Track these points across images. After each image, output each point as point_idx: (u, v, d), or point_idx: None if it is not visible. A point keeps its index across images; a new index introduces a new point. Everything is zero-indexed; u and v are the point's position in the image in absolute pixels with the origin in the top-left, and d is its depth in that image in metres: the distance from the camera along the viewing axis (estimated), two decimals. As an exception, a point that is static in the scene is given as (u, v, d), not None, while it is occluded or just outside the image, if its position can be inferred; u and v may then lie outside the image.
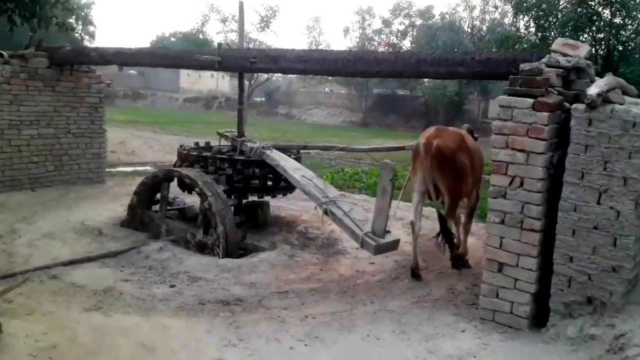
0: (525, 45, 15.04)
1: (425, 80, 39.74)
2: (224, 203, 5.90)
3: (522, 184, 4.00)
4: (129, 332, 3.87)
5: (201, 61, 6.54)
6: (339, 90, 51.29)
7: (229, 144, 7.17)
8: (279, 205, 8.10)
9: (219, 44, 6.51)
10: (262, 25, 36.95)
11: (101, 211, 7.53)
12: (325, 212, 5.18)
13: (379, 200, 4.85)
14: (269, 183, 6.72)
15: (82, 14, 56.89)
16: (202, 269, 5.29)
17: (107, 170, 11.09)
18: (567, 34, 13.38)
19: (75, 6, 53.09)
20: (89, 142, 9.28)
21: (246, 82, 35.92)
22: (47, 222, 6.74)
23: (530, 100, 3.94)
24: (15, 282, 4.55)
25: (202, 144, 7.63)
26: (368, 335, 4.01)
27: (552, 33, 14.53)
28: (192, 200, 7.19)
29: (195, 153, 6.67)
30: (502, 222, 4.08)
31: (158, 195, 6.62)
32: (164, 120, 31.91)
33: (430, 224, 6.94)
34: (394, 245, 5.04)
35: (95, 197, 8.47)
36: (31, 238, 6.05)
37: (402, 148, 7.47)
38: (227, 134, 7.33)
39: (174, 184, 6.49)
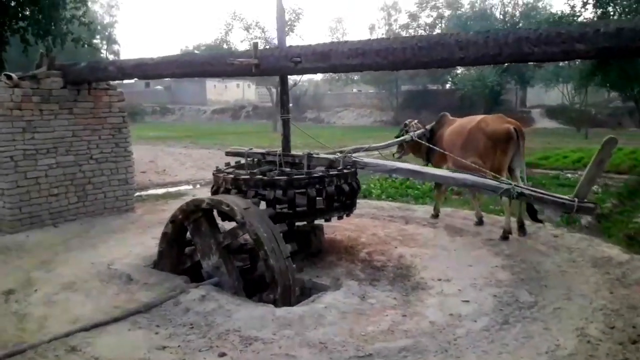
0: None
1: (459, 70, 38.38)
2: (275, 236, 4.80)
3: None
4: None
5: (235, 65, 5.47)
6: (367, 90, 50.10)
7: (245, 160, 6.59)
8: (330, 224, 6.92)
9: (255, 44, 5.42)
10: (287, 29, 35.95)
11: (131, 247, 6.54)
12: (518, 195, 5.22)
13: (593, 169, 5.05)
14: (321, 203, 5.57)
15: (106, 33, 57.30)
16: (256, 324, 4.18)
17: (137, 194, 10.19)
18: (634, 6, 11.90)
19: (98, 26, 53.45)
20: (114, 168, 8.34)
21: (273, 90, 35.17)
22: (69, 268, 5.76)
23: None
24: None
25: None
26: None
27: (615, 8, 13.02)
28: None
29: (246, 176, 5.54)
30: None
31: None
32: (193, 133, 31.30)
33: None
34: (596, 208, 5.35)
35: (123, 230, 7.50)
36: (48, 292, 5.05)
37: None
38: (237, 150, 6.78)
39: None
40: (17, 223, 7.20)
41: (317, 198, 5.39)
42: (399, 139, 7.97)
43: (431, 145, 7.46)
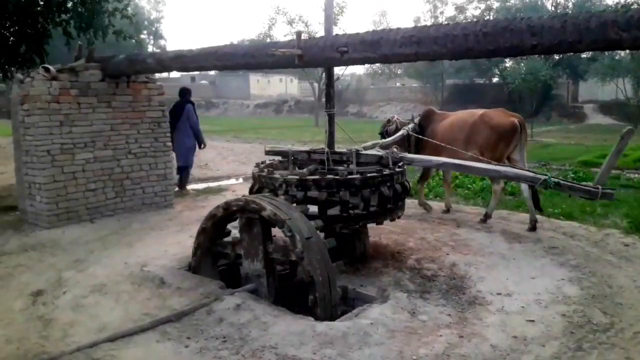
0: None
1: (508, 64, 37.03)
2: (304, 222, 4.42)
3: None
4: None
5: (277, 56, 5.07)
6: (411, 84, 49.13)
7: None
8: (373, 226, 6.46)
9: (298, 33, 5.00)
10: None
11: (167, 246, 6.26)
12: (554, 184, 5.22)
13: (612, 159, 5.29)
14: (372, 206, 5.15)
15: (153, 28, 58.23)
16: (295, 340, 3.77)
17: (177, 190, 10.00)
18: None
19: (145, 22, 54.24)
20: (152, 163, 8.10)
21: (315, 84, 34.87)
22: (101, 268, 5.52)
23: None
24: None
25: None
26: None
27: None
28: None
29: (294, 176, 5.09)
30: None
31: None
32: (236, 127, 31.33)
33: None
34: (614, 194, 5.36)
35: (161, 227, 7.25)
36: (77, 294, 4.80)
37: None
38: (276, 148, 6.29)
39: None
40: (54, 218, 7.05)
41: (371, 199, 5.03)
42: (399, 134, 7.62)
43: (429, 139, 7.11)
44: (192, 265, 5.24)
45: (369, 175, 5.08)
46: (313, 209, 4.93)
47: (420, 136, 7.44)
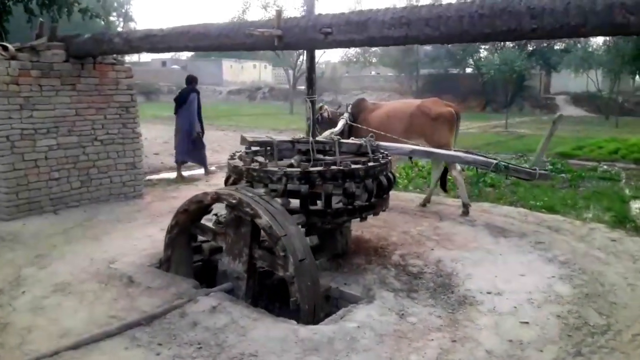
0: None
1: (482, 54, 37.14)
2: (300, 238, 4.08)
3: None
4: None
5: (255, 37, 4.71)
6: (386, 73, 48.94)
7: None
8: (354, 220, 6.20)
9: (278, 11, 4.64)
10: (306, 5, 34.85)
11: (135, 241, 5.88)
12: (503, 168, 5.69)
13: (545, 142, 5.98)
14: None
15: (123, 10, 56.64)
16: (276, 347, 3.48)
17: (147, 178, 9.58)
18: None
19: (115, 2, 52.70)
20: (120, 150, 7.66)
21: (290, 71, 34.38)
22: (65, 264, 5.11)
23: None
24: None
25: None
26: None
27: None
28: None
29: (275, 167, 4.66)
30: None
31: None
32: (209, 114, 30.49)
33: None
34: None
35: (129, 219, 6.84)
36: (37, 295, 4.40)
37: None
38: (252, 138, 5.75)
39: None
40: (14, 209, 6.58)
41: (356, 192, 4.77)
42: (342, 123, 7.48)
43: (370, 129, 6.86)
44: (165, 246, 4.80)
45: (370, 165, 4.82)
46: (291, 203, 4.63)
47: (362, 126, 7.34)
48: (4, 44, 6.52)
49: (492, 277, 4.80)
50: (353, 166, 4.67)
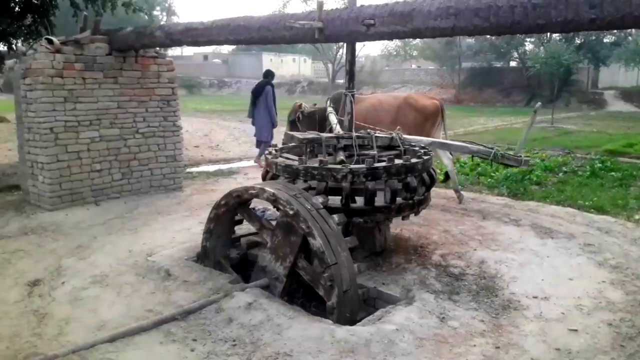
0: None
1: (528, 47, 36.14)
2: (348, 267, 3.95)
3: None
4: None
5: (295, 30, 4.63)
6: (427, 67, 48.20)
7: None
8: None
9: (320, 3, 4.54)
10: None
11: (174, 233, 5.91)
12: (500, 157, 5.60)
13: (527, 131, 6.02)
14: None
15: (166, 4, 57.56)
16: (312, 347, 3.39)
17: (187, 171, 9.66)
18: None
19: (158, -3, 53.51)
20: (161, 143, 7.73)
21: (329, 65, 34.29)
22: (104, 256, 5.17)
23: None
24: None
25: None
26: None
27: None
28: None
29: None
30: None
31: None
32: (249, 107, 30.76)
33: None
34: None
35: (169, 212, 6.89)
36: (77, 285, 4.45)
37: None
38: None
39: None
40: (56, 200, 6.71)
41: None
42: (335, 119, 6.96)
43: (361, 123, 6.55)
44: (203, 239, 4.76)
45: (426, 159, 4.82)
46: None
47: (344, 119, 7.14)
48: (50, 37, 6.64)
49: (538, 280, 4.58)
50: (413, 160, 4.62)
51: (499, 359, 3.33)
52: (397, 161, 4.57)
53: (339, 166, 4.45)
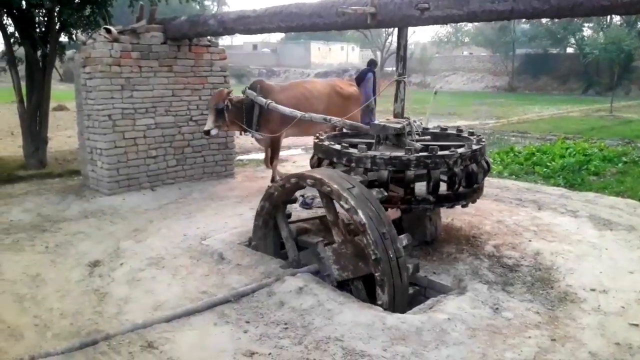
0: None
1: (586, 33, 34.64)
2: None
3: None
4: None
5: (347, 16, 4.61)
6: (480, 53, 46.99)
7: None
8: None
9: (372, -12, 4.48)
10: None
11: (226, 218, 6.03)
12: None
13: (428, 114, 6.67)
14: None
15: (217, -6, 58.21)
16: (363, 333, 3.40)
17: (238, 158, 9.81)
18: None
19: (209, -13, 54.14)
20: (213, 131, 7.84)
21: (378, 53, 33.90)
22: (160, 239, 5.34)
23: None
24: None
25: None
26: None
27: None
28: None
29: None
30: None
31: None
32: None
33: None
34: None
35: (221, 198, 7.03)
36: (134, 267, 4.62)
37: None
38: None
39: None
40: (114, 185, 6.96)
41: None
42: (264, 101, 6.84)
43: (296, 110, 6.54)
44: (255, 225, 4.84)
45: (482, 145, 4.93)
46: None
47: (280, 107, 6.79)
48: (108, 27, 6.84)
49: (596, 273, 4.43)
50: (474, 147, 4.74)
51: (555, 352, 3.24)
52: (470, 147, 4.74)
53: (448, 152, 4.54)
